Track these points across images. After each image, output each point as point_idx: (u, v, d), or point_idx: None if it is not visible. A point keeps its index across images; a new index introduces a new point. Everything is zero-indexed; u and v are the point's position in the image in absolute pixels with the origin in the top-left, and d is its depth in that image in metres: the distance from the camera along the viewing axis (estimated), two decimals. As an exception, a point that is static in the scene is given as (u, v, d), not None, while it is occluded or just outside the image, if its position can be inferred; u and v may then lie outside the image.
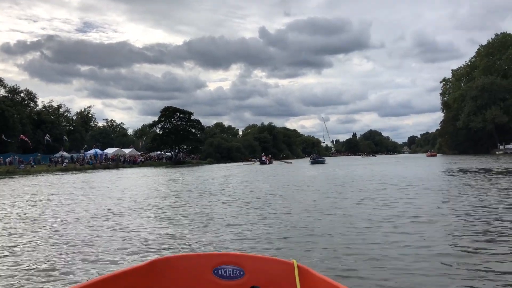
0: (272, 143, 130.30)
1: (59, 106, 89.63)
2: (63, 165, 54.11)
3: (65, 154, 63.46)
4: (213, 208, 11.56)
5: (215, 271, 2.76)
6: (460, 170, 26.68)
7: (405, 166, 38.72)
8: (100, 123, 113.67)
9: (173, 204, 12.88)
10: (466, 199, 11.61)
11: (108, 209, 11.69)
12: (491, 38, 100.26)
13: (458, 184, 16.59)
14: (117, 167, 59.62)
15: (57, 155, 62.15)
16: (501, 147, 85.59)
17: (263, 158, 71.77)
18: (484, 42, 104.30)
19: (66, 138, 70.16)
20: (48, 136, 65.05)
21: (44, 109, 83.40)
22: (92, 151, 67.53)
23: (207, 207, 11.73)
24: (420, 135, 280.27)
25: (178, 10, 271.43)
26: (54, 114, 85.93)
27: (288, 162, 76.16)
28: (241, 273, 2.74)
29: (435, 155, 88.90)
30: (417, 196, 12.92)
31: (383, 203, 11.37)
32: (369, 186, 17.03)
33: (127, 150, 77.01)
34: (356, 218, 9.06)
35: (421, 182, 18.35)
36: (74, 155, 63.92)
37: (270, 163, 70.18)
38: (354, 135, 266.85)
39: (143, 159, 70.33)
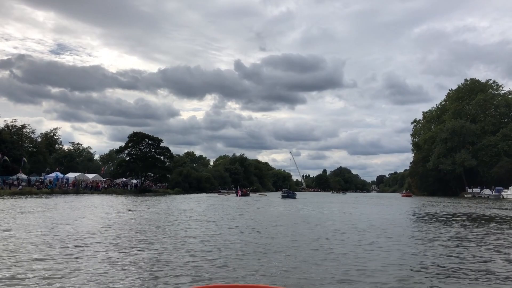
0: (243, 175, 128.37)
1: (23, 126, 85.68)
2: (19, 188, 50.55)
3: (23, 176, 59.64)
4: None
5: None
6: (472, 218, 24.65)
7: (390, 207, 36.98)
8: (66, 146, 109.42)
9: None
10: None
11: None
12: (461, 83, 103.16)
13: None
14: (77, 192, 56.23)
15: (13, 177, 58.31)
16: (470, 190, 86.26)
17: (237, 190, 73.48)
18: (451, 88, 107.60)
19: (25, 160, 66.24)
20: (1, 155, 61.15)
21: (6, 128, 79.37)
22: (53, 175, 63.98)
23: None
24: (389, 174, 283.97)
25: (154, 38, 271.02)
26: (16, 134, 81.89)
27: (263, 195, 79.30)
28: None
29: (410, 196, 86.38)
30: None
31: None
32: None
33: (90, 176, 73.57)
34: None
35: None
36: (33, 178, 60.14)
37: (246, 195, 72.18)
38: (325, 171, 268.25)
39: (106, 186, 66.97)
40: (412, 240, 13.18)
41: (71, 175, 68.04)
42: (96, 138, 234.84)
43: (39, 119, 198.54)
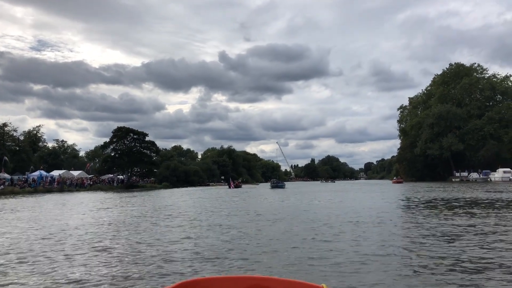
0: (232, 167, 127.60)
1: (4, 125, 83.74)
2: (0, 188, 49.15)
3: (5, 176, 58.15)
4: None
5: None
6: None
7: (385, 194, 36.16)
8: (50, 144, 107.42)
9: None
10: None
11: None
12: (446, 68, 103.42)
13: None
14: (61, 190, 55.02)
15: (-5, 176, 56.77)
16: (457, 174, 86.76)
17: (230, 182, 75.26)
18: (436, 73, 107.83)
19: (7, 159, 64.63)
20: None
21: (-14, 128, 77.39)
22: (37, 173, 62.52)
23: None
24: (376, 161, 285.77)
25: (137, 31, 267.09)
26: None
27: (253, 187, 79.64)
28: None
29: (401, 182, 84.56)
30: None
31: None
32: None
33: (76, 173, 72.19)
34: None
35: None
36: (16, 177, 58.66)
37: (239, 187, 73.45)
38: (313, 160, 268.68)
39: (91, 183, 65.74)
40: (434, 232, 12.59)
41: (56, 173, 66.60)
42: (82, 135, 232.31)
43: (22, 117, 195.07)
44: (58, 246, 10.07)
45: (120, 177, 76.64)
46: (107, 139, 79.10)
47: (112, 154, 77.28)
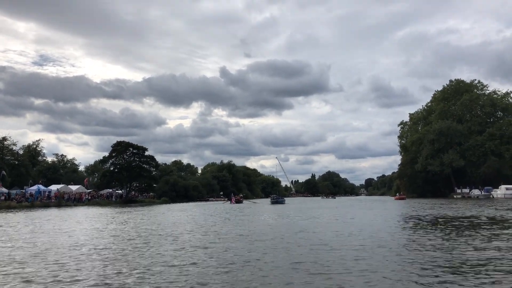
0: (232, 182, 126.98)
1: (4, 139, 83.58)
2: (-3, 202, 48.69)
3: (3, 190, 57.69)
4: None
5: None
6: None
7: (392, 212, 34.98)
8: (50, 158, 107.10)
9: None
10: None
11: None
12: (446, 84, 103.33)
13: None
14: (59, 205, 54.45)
15: (-8, 191, 56.24)
16: (459, 191, 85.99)
17: (231, 198, 74.80)
18: (436, 89, 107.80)
19: (5, 173, 64.24)
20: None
21: (-15, 142, 77.20)
22: (35, 187, 62.06)
23: None
24: (377, 177, 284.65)
25: (138, 47, 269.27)
26: (-4, 148, 79.71)
27: (254, 202, 77.53)
28: None
29: (404, 198, 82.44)
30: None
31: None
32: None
33: (74, 187, 71.70)
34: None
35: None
36: (14, 192, 58.16)
37: (240, 202, 72.40)
38: (313, 176, 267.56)
39: (89, 197, 65.18)
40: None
41: (54, 187, 66.16)
42: (83, 149, 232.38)
43: (23, 132, 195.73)
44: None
45: (119, 191, 76.09)
46: (107, 154, 78.85)
47: (111, 169, 76.87)
